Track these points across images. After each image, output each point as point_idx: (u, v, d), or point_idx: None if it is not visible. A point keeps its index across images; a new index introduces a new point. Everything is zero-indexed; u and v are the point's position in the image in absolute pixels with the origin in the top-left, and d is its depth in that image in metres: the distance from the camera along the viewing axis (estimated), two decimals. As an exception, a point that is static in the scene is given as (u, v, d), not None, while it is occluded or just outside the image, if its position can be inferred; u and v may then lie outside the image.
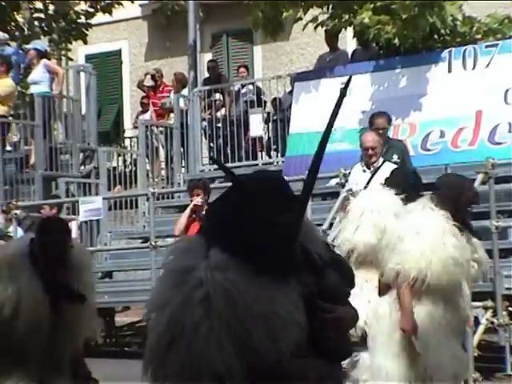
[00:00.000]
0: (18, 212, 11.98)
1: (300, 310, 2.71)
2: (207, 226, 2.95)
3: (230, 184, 2.82)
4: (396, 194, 6.70)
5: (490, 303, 8.97)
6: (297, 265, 2.81)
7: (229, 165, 14.30)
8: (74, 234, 12.44)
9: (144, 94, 16.87)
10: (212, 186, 13.85)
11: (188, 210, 9.67)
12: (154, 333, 2.82)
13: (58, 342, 4.72)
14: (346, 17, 12.96)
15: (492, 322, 8.90)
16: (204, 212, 9.35)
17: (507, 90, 11.78)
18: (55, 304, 4.67)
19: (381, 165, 9.21)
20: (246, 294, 2.67)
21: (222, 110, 15.09)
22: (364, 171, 9.19)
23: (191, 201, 9.77)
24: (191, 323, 2.69)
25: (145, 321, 2.87)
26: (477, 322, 8.81)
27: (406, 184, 6.91)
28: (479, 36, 12.75)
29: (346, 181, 9.65)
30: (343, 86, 3.04)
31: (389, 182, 7.02)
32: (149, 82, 16.82)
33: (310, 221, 3.18)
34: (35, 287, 4.63)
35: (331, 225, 9.56)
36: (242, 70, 16.35)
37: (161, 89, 16.44)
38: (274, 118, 14.51)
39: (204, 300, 2.67)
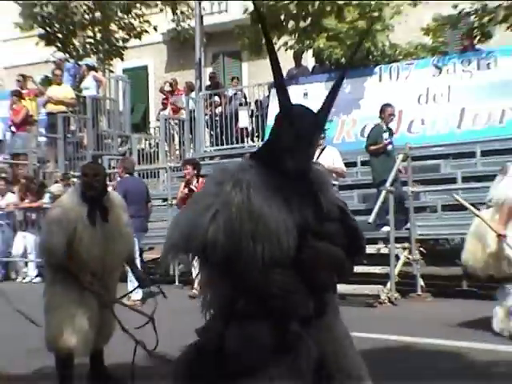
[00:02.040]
0: (74, 179, 11.96)
1: (289, 233, 2.29)
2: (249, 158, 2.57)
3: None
4: None
5: (406, 245, 9.03)
6: (307, 193, 2.44)
7: (223, 147, 14.30)
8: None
9: (164, 97, 16.71)
10: (213, 162, 13.89)
11: (182, 184, 9.74)
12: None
13: (108, 252, 4.66)
14: (308, 42, 12.93)
15: (408, 258, 8.96)
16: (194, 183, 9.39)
17: (420, 95, 11.81)
18: (96, 225, 4.61)
19: (324, 147, 9.31)
20: (252, 192, 2.29)
21: (219, 108, 15.00)
22: None
23: (184, 173, 9.84)
24: (201, 196, 2.40)
25: None
26: (397, 257, 8.89)
27: None
28: (401, 57, 12.77)
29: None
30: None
31: None
32: (167, 88, 16.67)
33: (329, 179, 2.74)
34: (83, 214, 4.57)
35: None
36: (234, 81, 16.18)
37: (176, 93, 16.29)
38: (256, 114, 14.44)
39: (219, 183, 2.34)
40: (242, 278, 2.29)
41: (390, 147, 9.69)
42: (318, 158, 9.12)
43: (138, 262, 8.69)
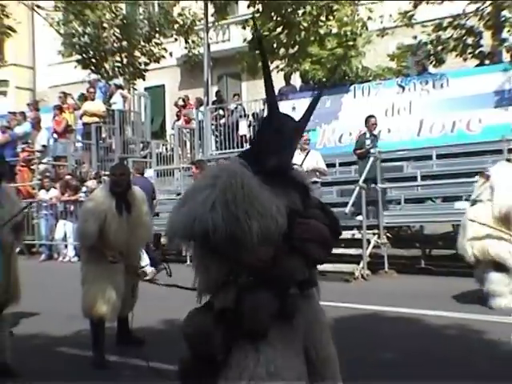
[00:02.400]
0: (104, 178, 11.91)
1: (280, 213, 2.14)
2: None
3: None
4: None
5: (376, 231, 9.01)
6: (291, 186, 2.28)
7: (226, 151, 14.16)
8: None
9: (178, 110, 16.63)
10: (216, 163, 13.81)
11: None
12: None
13: (132, 236, 4.66)
14: (295, 65, 12.93)
15: (377, 242, 8.95)
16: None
17: (387, 109, 11.75)
18: (122, 214, 4.60)
19: (309, 151, 9.26)
20: (246, 180, 2.13)
21: (223, 119, 14.93)
22: (299, 154, 8.98)
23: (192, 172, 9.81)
24: (198, 188, 2.19)
25: None
26: (369, 241, 8.85)
27: None
28: (371, 78, 12.71)
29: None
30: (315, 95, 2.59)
31: None
32: (180, 103, 16.57)
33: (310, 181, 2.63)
34: (112, 206, 4.57)
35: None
36: (235, 97, 16.13)
37: (187, 107, 16.21)
38: (254, 124, 14.36)
39: (215, 176, 2.17)
40: (240, 255, 2.10)
41: (372, 151, 9.62)
42: (304, 160, 9.08)
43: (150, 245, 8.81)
